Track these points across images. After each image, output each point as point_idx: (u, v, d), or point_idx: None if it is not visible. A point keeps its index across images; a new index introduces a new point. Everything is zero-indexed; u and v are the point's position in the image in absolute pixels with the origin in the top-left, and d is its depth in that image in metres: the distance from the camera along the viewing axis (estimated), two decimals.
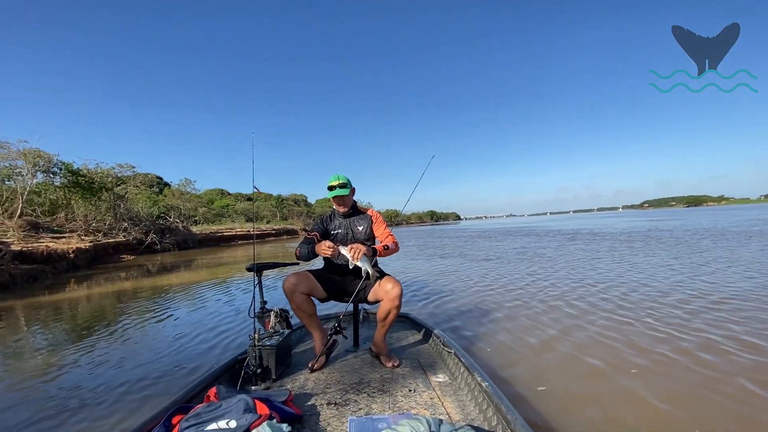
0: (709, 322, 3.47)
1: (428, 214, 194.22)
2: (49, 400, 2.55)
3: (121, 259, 18.34)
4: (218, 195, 58.11)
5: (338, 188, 2.37)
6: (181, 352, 3.47)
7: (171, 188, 41.56)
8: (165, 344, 3.76)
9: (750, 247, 8.74)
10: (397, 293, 2.12)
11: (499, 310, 4.38)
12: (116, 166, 25.20)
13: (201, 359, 3.21)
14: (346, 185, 2.40)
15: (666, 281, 5.39)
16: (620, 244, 11.88)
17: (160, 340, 3.95)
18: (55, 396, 2.61)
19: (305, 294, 2.21)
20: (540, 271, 7.06)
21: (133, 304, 6.27)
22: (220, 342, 3.69)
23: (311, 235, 2.39)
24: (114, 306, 6.33)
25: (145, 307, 5.99)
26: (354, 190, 2.51)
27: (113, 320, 5.15)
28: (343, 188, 2.38)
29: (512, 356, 2.94)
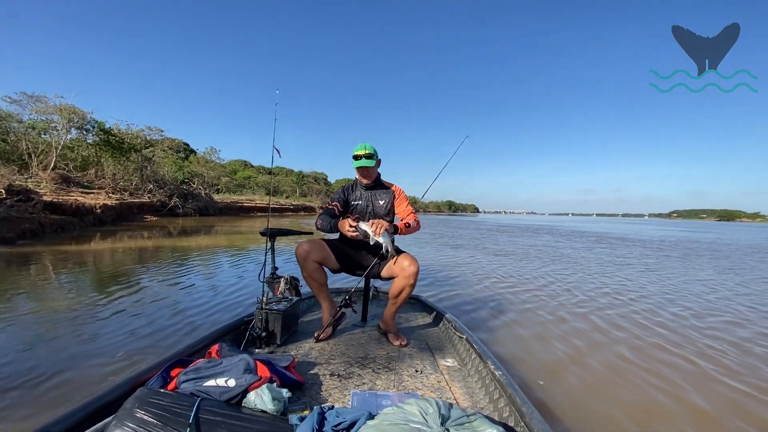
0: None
1: (446, 204, 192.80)
2: (62, 338, 2.66)
3: (145, 219, 18.90)
4: (241, 166, 58.93)
5: (364, 158, 2.25)
6: (191, 310, 3.50)
7: (196, 155, 42.34)
8: (178, 300, 3.82)
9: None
10: (413, 271, 2.02)
11: (511, 311, 3.95)
12: (146, 128, 25.67)
13: (209, 318, 3.23)
14: (372, 156, 2.27)
15: (706, 299, 4.82)
16: (652, 251, 11.22)
17: (174, 297, 4.01)
18: (68, 334, 2.70)
19: (317, 262, 2.14)
20: (562, 273, 6.60)
21: (152, 263, 6.41)
22: (231, 304, 3.73)
23: (332, 205, 2.31)
24: (135, 262, 6.49)
25: (163, 266, 6.10)
26: (380, 162, 2.37)
27: (133, 275, 5.27)
28: (369, 159, 2.26)
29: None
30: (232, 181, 45.63)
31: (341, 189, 2.42)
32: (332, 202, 2.34)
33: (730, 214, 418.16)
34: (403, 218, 2.32)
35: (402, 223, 2.23)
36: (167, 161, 28.90)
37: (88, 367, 2.20)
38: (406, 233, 2.20)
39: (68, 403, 1.68)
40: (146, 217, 19.37)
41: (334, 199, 2.36)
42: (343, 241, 2.32)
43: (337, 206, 2.30)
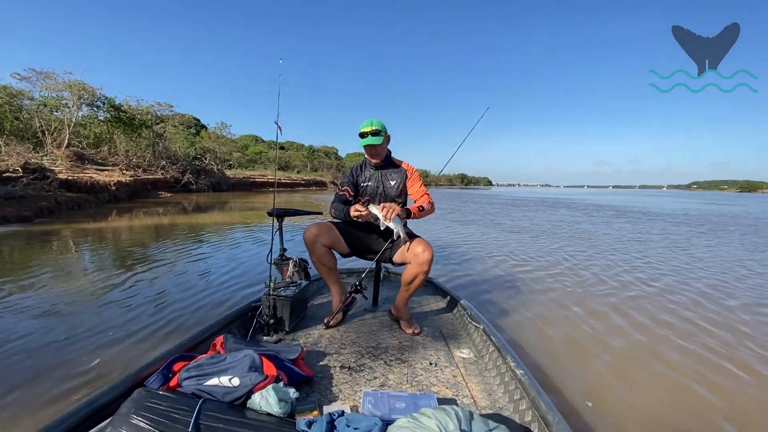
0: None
1: (459, 177, 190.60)
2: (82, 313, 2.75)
3: (159, 195, 19.13)
4: (252, 141, 58.71)
5: (370, 135, 2.07)
6: (203, 291, 3.49)
7: (208, 131, 42.31)
8: (191, 281, 3.83)
9: None
10: (427, 258, 1.90)
11: (529, 298, 3.62)
12: (155, 104, 25.57)
13: (221, 300, 3.21)
14: (379, 132, 2.08)
15: (746, 285, 4.34)
16: (677, 227, 10.55)
17: (188, 276, 4.03)
18: (85, 312, 2.77)
19: (326, 246, 2.05)
20: (584, 253, 6.04)
21: (168, 240, 6.44)
22: (242, 285, 3.71)
23: (342, 190, 2.19)
24: (152, 239, 6.54)
25: (179, 243, 6.13)
26: (389, 138, 2.19)
27: (149, 252, 5.31)
28: (376, 136, 2.08)
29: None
30: (243, 156, 45.67)
31: (350, 171, 2.28)
32: (342, 186, 2.21)
33: (752, 185, 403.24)
34: (416, 199, 2.19)
35: (415, 206, 2.08)
36: (178, 137, 28.90)
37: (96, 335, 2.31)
38: (419, 217, 2.06)
39: (67, 402, 1.67)
40: (160, 193, 19.59)
41: (344, 183, 2.23)
42: (353, 224, 2.20)
43: (348, 191, 2.18)
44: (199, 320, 2.73)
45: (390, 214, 1.82)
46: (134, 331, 2.47)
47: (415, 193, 2.20)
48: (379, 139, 2.08)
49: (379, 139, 2.08)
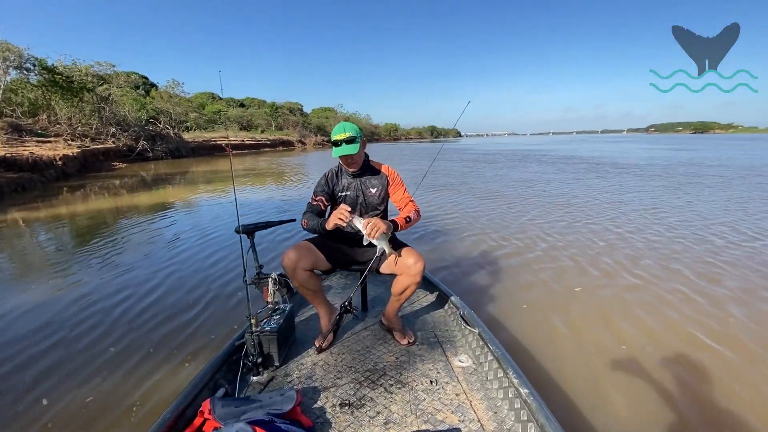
0: None
1: (428, 129, 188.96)
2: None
3: (113, 166, 17.83)
4: (209, 99, 54.90)
5: (345, 144, 1.87)
6: (171, 285, 3.37)
7: (158, 90, 38.95)
8: (159, 268, 3.66)
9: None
10: (419, 269, 1.81)
11: (516, 287, 3.38)
12: (94, 64, 23.07)
13: (191, 298, 3.06)
14: (354, 139, 1.89)
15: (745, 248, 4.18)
16: (649, 180, 10.08)
17: (155, 262, 3.87)
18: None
19: (308, 270, 1.88)
20: (568, 223, 5.53)
21: (128, 221, 6.02)
22: (215, 277, 3.59)
23: (316, 201, 2.00)
24: (112, 221, 6.10)
25: (141, 225, 5.75)
26: (365, 143, 2.01)
27: (108, 239, 4.98)
28: (351, 143, 1.88)
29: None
30: (201, 116, 42.80)
31: (324, 178, 2.07)
32: (315, 197, 2.01)
33: (705, 125, 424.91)
34: (401, 208, 2.05)
35: (401, 216, 1.94)
36: (126, 99, 26.51)
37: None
38: (406, 228, 1.93)
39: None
40: (114, 164, 18.26)
41: (317, 192, 2.03)
42: (332, 237, 2.04)
43: (323, 201, 2.00)
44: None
45: (375, 233, 1.70)
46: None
47: (399, 200, 2.06)
48: (355, 147, 1.89)
49: (355, 148, 1.89)
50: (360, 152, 1.96)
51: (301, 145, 48.08)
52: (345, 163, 1.99)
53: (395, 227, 1.88)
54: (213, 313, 2.95)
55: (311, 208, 1.97)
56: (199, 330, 2.69)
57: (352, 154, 1.91)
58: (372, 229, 1.70)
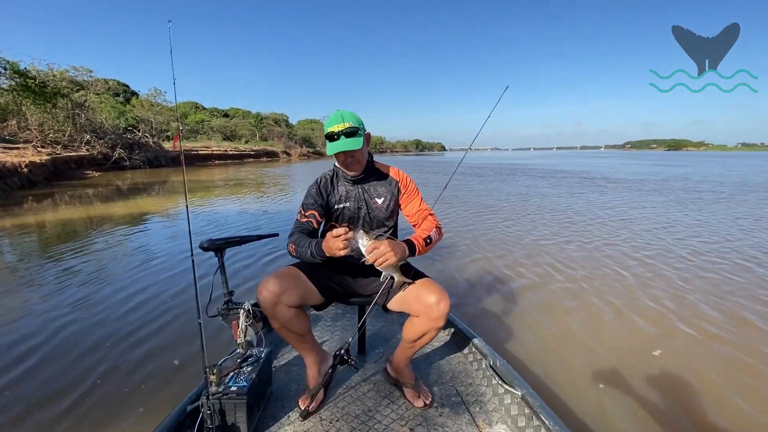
0: None
1: (413, 143, 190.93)
2: None
3: (86, 175, 17.01)
4: (192, 109, 54.02)
5: (344, 137, 1.40)
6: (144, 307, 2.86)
7: (139, 98, 38.04)
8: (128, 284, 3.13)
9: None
10: (442, 311, 1.35)
11: (544, 323, 2.79)
12: (70, 69, 22.29)
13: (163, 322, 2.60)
14: (356, 131, 1.41)
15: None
16: (660, 196, 9.64)
17: (123, 280, 3.35)
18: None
19: (295, 306, 1.40)
20: (588, 243, 4.92)
21: (88, 233, 5.49)
22: (166, 308, 2.95)
23: (306, 217, 1.51)
24: (81, 233, 5.55)
25: (101, 238, 5.24)
26: (369, 137, 1.51)
27: (79, 252, 4.43)
28: (353, 136, 1.41)
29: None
30: (183, 126, 41.87)
31: (315, 188, 1.58)
32: (305, 211, 1.53)
33: (678, 143, 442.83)
34: (416, 223, 1.57)
35: (420, 237, 1.43)
36: (104, 106, 25.62)
37: None
38: (424, 252, 1.44)
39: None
40: (87, 172, 17.42)
41: (307, 205, 1.54)
42: (328, 261, 1.55)
43: (315, 216, 1.52)
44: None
45: (383, 263, 1.25)
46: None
47: (414, 213, 1.57)
48: (358, 141, 1.41)
49: (359, 142, 1.41)
50: (363, 149, 1.49)
51: (285, 156, 47.52)
52: (343, 165, 1.51)
53: (411, 251, 1.37)
54: (161, 359, 2.22)
55: (300, 227, 1.50)
56: (141, 387, 2.00)
57: (353, 151, 1.43)
58: (379, 257, 1.24)
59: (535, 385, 1.62)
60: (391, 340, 2.07)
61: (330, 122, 1.42)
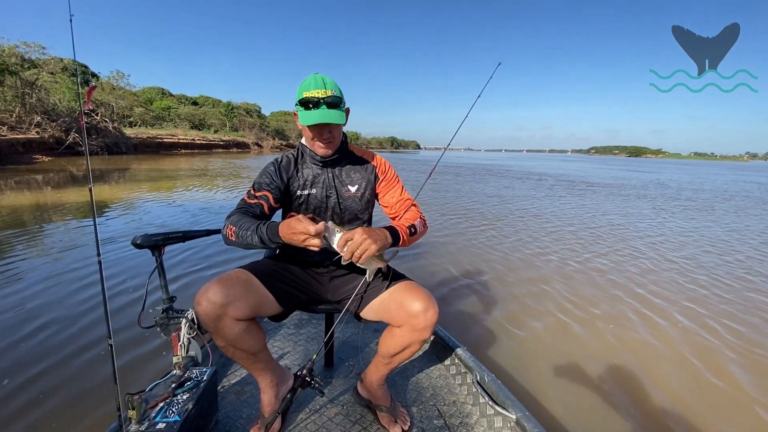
0: None
1: (389, 140, 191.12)
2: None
3: (35, 159, 15.82)
4: (158, 95, 51.34)
5: (325, 106, 1.16)
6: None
7: (100, 80, 35.72)
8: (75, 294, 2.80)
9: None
10: (430, 321, 1.14)
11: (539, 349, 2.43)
12: (20, 44, 20.55)
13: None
14: (339, 102, 1.18)
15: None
16: (644, 202, 9.77)
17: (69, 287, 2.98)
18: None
19: (246, 320, 1.13)
20: (577, 258, 4.42)
21: (20, 222, 5.01)
22: (93, 320, 2.46)
23: (257, 197, 1.24)
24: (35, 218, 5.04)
25: (34, 230, 4.78)
26: (348, 112, 1.26)
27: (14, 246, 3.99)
28: (336, 108, 1.18)
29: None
30: (148, 112, 39.74)
31: (273, 167, 1.31)
32: (256, 191, 1.25)
33: (638, 150, 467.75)
34: (398, 214, 1.34)
35: (403, 226, 1.22)
36: (59, 87, 23.85)
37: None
38: (408, 244, 1.24)
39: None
40: (37, 157, 16.19)
41: (260, 185, 1.27)
42: (286, 258, 1.38)
43: (268, 199, 1.24)
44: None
45: (363, 255, 1.02)
46: None
47: (394, 204, 1.36)
48: (342, 115, 1.18)
49: (342, 116, 1.18)
50: (341, 126, 1.24)
51: (257, 147, 46.21)
52: (318, 141, 1.24)
53: (395, 239, 1.15)
54: (71, 392, 1.78)
55: (244, 207, 1.22)
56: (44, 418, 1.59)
57: (333, 125, 1.20)
58: (357, 248, 1.01)
59: (529, 405, 1.44)
60: (364, 349, 1.86)
61: (306, 85, 1.16)
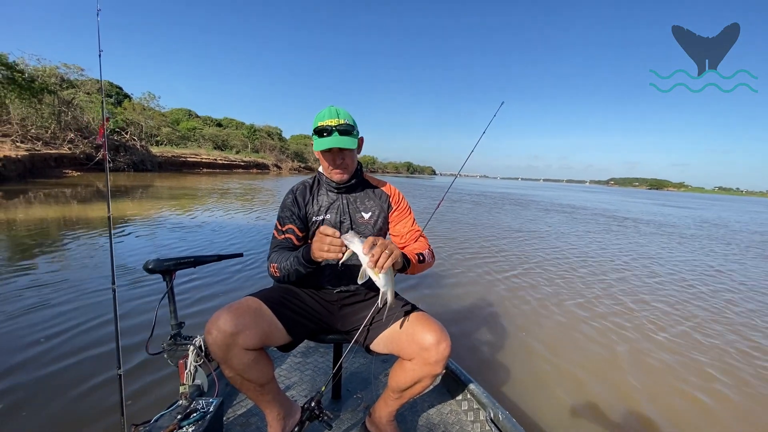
0: None
1: (405, 165, 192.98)
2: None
3: (65, 173, 16.40)
4: (185, 116, 53.51)
5: (337, 132, 1.20)
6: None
7: (131, 101, 37.50)
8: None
9: None
10: (442, 355, 1.10)
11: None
12: (61, 66, 21.81)
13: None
14: (352, 129, 1.23)
15: None
16: (701, 242, 8.63)
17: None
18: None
19: (255, 349, 1.10)
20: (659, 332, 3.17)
21: (35, 238, 5.06)
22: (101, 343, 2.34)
23: (284, 232, 1.30)
24: (57, 235, 5.10)
25: (51, 248, 4.81)
26: (362, 143, 1.36)
27: (39, 256, 4.00)
28: (347, 135, 1.22)
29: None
30: (174, 132, 41.26)
31: (291, 197, 1.35)
32: (283, 226, 1.31)
33: (660, 183, 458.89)
34: (406, 243, 1.36)
35: (413, 252, 1.24)
36: (94, 107, 25.05)
37: None
38: (416, 272, 1.25)
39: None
40: (66, 171, 16.80)
41: (284, 219, 1.32)
42: (298, 286, 1.35)
43: (294, 231, 1.30)
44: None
45: (385, 260, 0.97)
46: None
47: (405, 234, 1.38)
48: (353, 141, 1.23)
49: (353, 142, 1.23)
50: (355, 152, 1.31)
51: (276, 169, 47.15)
52: (331, 166, 1.29)
53: (404, 266, 1.16)
54: (81, 411, 1.72)
55: (278, 245, 1.29)
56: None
57: (345, 150, 1.25)
58: (381, 253, 0.97)
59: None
60: (373, 382, 1.77)
61: (321, 117, 1.23)
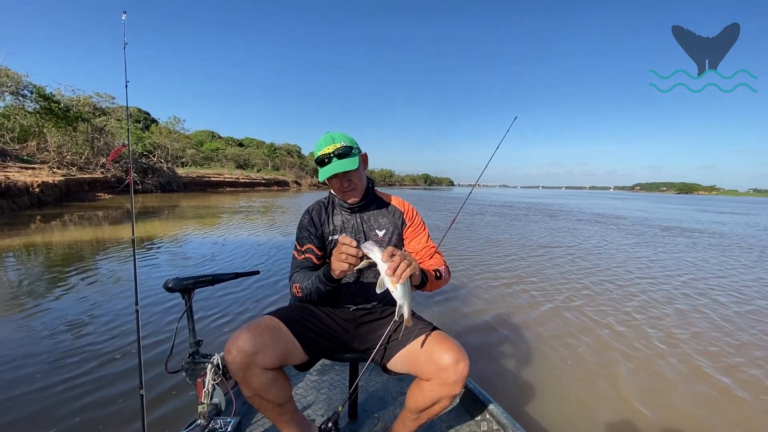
0: None
1: (422, 177, 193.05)
2: None
3: (98, 197, 17.12)
4: (208, 137, 55.49)
5: (336, 158, 1.22)
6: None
7: (158, 125, 39.25)
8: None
9: None
10: (461, 375, 1.07)
11: None
12: (94, 95, 23.07)
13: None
14: (350, 151, 1.23)
15: None
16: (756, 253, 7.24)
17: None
18: None
19: (274, 369, 1.10)
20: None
21: (65, 260, 5.23)
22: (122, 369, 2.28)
23: (304, 252, 1.31)
24: (88, 255, 5.29)
25: (113, 261, 4.96)
26: (366, 158, 1.36)
27: (78, 276, 4.14)
28: (346, 157, 1.23)
29: None
30: (198, 153, 42.80)
31: (307, 217, 1.36)
32: (302, 246, 1.32)
33: (689, 187, 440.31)
34: (422, 260, 1.33)
35: (430, 269, 1.23)
36: (124, 132, 26.31)
37: None
38: (432, 289, 1.24)
39: None
40: (99, 194, 17.55)
41: (302, 239, 1.33)
42: (310, 305, 1.33)
43: (313, 251, 1.31)
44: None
45: (404, 269, 0.95)
46: None
47: (420, 250, 1.36)
48: (353, 161, 1.22)
49: (353, 162, 1.22)
50: (360, 171, 1.29)
51: (296, 185, 48.02)
52: (340, 191, 1.31)
53: (422, 281, 1.14)
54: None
55: (298, 266, 1.30)
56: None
57: (349, 173, 1.25)
58: (399, 264, 0.95)
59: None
60: (390, 402, 1.72)
61: (319, 146, 1.25)
